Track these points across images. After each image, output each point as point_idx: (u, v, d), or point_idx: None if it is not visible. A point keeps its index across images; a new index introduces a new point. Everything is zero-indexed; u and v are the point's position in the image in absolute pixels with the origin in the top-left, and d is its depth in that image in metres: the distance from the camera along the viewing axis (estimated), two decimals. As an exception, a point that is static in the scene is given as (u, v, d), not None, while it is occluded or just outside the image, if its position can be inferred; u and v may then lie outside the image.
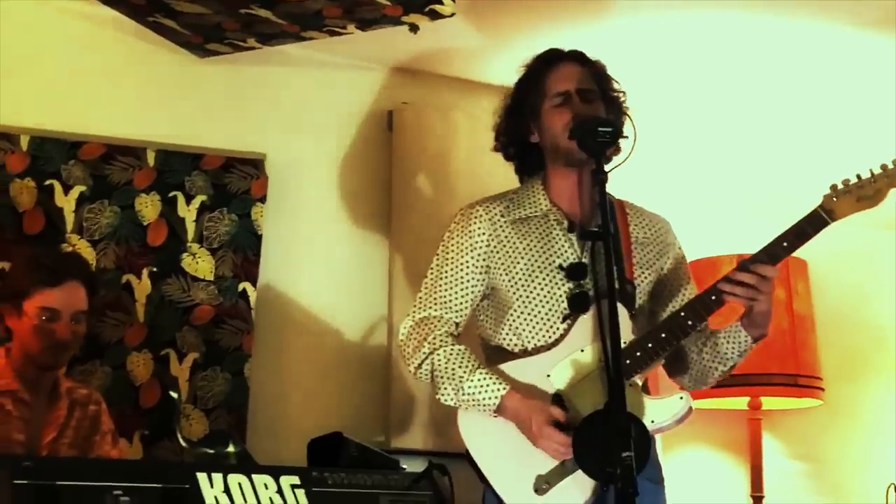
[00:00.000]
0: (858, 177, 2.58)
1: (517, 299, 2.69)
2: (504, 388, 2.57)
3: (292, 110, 3.85)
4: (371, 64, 3.97)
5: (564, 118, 2.68)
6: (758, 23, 3.59)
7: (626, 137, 2.69)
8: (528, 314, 2.68)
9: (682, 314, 2.59)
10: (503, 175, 2.99)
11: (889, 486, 3.49)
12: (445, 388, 2.65)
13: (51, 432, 2.90)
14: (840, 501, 4.19)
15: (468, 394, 2.60)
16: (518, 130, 2.81)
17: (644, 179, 3.12)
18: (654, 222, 2.85)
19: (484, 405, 2.59)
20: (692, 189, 4.25)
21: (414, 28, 3.43)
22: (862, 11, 3.44)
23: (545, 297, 2.67)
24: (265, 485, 2.43)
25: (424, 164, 3.94)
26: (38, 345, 2.86)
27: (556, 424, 2.50)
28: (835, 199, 2.57)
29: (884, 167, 2.57)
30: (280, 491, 2.44)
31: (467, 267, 2.75)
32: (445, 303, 2.74)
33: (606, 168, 2.50)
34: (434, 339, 2.68)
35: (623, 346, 2.48)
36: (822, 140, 4.30)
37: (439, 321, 2.72)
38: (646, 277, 2.75)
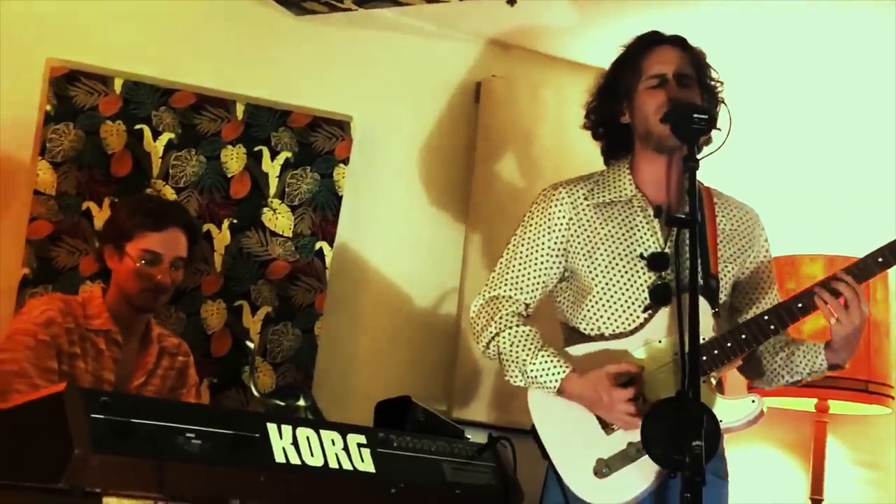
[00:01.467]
0: None
1: (596, 286, 2.68)
2: (565, 371, 2.57)
3: (382, 75, 3.86)
4: (463, 34, 3.96)
5: (658, 100, 2.65)
6: (854, 18, 3.53)
7: (720, 129, 2.66)
8: (607, 302, 2.67)
9: (766, 318, 2.56)
10: (588, 156, 2.97)
11: (952, 502, 3.44)
12: (513, 370, 2.66)
13: (139, 377, 2.96)
14: (900, 513, 4.13)
15: (531, 376, 2.61)
16: (610, 109, 2.79)
17: (728, 169, 3.08)
18: (742, 213, 2.81)
19: (547, 387, 2.59)
20: (777, 183, 4.19)
21: (512, 1, 3.41)
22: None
23: (625, 285, 2.65)
24: (332, 441, 2.44)
25: (509, 140, 3.93)
26: (137, 287, 2.91)
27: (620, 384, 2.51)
28: None
29: None
30: (346, 448, 2.45)
31: (543, 249, 2.73)
32: (517, 283, 2.74)
33: (698, 156, 2.48)
34: (501, 319, 2.68)
35: (703, 342, 2.47)
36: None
37: (508, 301, 2.72)
38: (729, 272, 2.72)
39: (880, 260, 2.51)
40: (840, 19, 3.55)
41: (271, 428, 2.37)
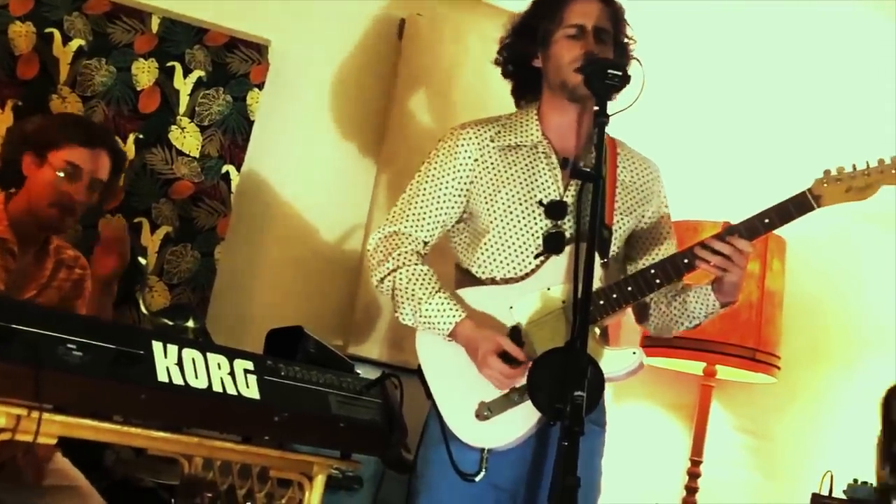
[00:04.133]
0: (854, 167, 2.53)
1: (493, 228, 2.68)
2: (459, 315, 2.57)
3: (305, 1, 3.78)
4: (392, -34, 3.91)
5: (574, 52, 2.64)
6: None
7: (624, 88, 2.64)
8: (502, 245, 2.67)
9: (652, 272, 2.58)
10: (506, 105, 2.95)
11: (825, 474, 3.53)
12: (404, 308, 2.65)
13: (32, 289, 2.89)
14: (775, 480, 4.24)
15: (425, 316, 2.60)
16: (524, 50, 2.77)
17: (635, 131, 3.10)
18: (643, 167, 2.82)
19: (438, 329, 2.59)
20: (682, 149, 4.23)
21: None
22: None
23: (521, 230, 2.66)
24: (218, 364, 2.42)
25: (429, 81, 3.90)
26: (49, 198, 2.83)
27: (504, 356, 2.51)
28: (825, 184, 2.53)
29: (880, 162, 2.52)
30: (232, 373, 2.44)
31: (446, 188, 2.72)
32: (417, 220, 2.73)
33: (608, 112, 2.49)
34: (399, 255, 2.67)
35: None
36: (823, 122, 4.29)
37: (407, 238, 2.71)
38: (624, 223, 2.74)
39: (766, 221, 2.54)
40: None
41: (156, 346, 2.35)
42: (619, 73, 2.48)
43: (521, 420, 2.52)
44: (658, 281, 2.57)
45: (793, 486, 4.07)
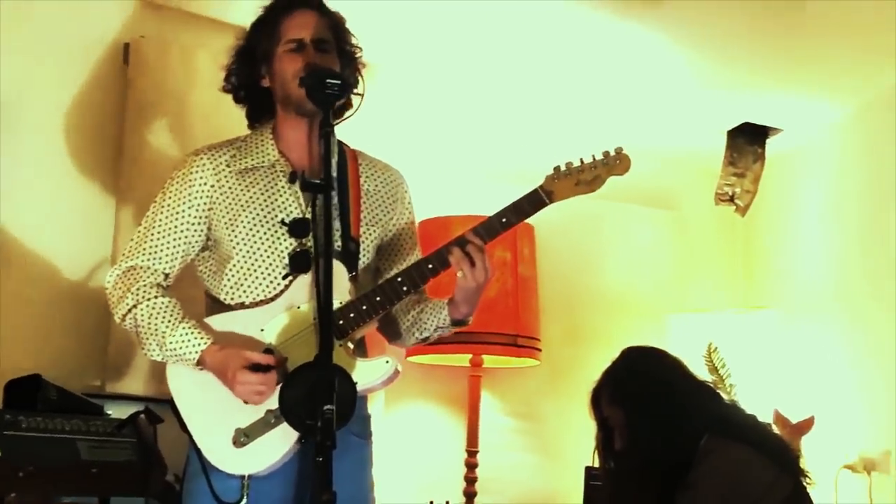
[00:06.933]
0: (581, 161, 2.62)
1: (237, 253, 2.64)
2: (205, 343, 2.53)
3: (22, 30, 3.61)
4: (109, -6, 3.79)
5: (296, 65, 2.64)
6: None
7: (360, 95, 2.68)
8: (249, 269, 2.63)
9: (399, 280, 2.59)
10: (243, 122, 2.92)
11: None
12: (150, 344, 2.58)
13: None
14: (550, 458, 4.38)
15: (170, 349, 2.55)
16: (250, 73, 2.76)
17: (379, 136, 3.12)
18: (386, 174, 2.84)
19: (185, 359, 2.54)
20: (427, 149, 4.29)
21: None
22: None
23: (266, 252, 2.63)
24: (-50, 426, 2.30)
25: (161, 104, 3.80)
26: None
27: (255, 368, 2.48)
28: (556, 180, 2.61)
29: (605, 154, 2.62)
30: (-34, 433, 2.32)
31: (183, 217, 2.67)
32: (154, 253, 2.66)
33: (334, 121, 2.50)
34: (138, 290, 2.61)
35: (340, 305, 2.51)
36: (558, 114, 4.46)
37: (146, 272, 2.65)
38: (372, 234, 2.75)
39: (504, 220, 2.60)
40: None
41: None
42: (338, 82, 2.50)
43: (279, 442, 2.49)
44: (405, 288, 2.59)
45: (567, 462, 4.22)
